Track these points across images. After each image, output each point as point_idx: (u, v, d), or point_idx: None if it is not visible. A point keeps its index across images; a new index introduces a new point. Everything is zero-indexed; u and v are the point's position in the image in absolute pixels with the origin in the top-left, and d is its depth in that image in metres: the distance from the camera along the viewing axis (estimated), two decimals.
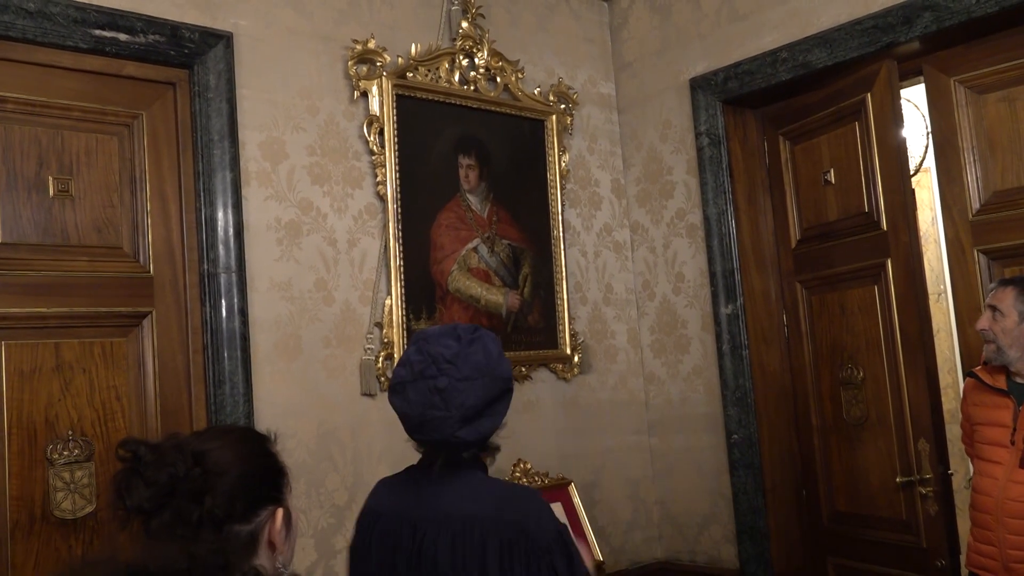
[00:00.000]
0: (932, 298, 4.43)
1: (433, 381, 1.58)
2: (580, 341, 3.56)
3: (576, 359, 3.52)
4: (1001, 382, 2.59)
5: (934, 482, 2.95)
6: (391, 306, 3.00)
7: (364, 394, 2.93)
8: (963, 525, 3.14)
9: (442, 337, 1.62)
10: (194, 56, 2.67)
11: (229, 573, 1.06)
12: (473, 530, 1.57)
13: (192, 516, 1.21)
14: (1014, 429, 2.52)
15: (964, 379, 2.82)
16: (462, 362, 1.58)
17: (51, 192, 2.45)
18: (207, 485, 1.23)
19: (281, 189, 2.83)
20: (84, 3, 2.49)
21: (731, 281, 3.43)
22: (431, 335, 1.64)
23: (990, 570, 2.55)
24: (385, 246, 3.02)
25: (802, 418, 3.45)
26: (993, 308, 2.56)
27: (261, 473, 1.33)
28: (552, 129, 3.54)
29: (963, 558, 3.06)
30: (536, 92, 3.53)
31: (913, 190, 3.20)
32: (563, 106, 3.62)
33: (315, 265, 2.87)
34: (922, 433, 2.98)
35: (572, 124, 3.66)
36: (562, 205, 3.55)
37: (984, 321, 2.58)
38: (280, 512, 1.32)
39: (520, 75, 3.48)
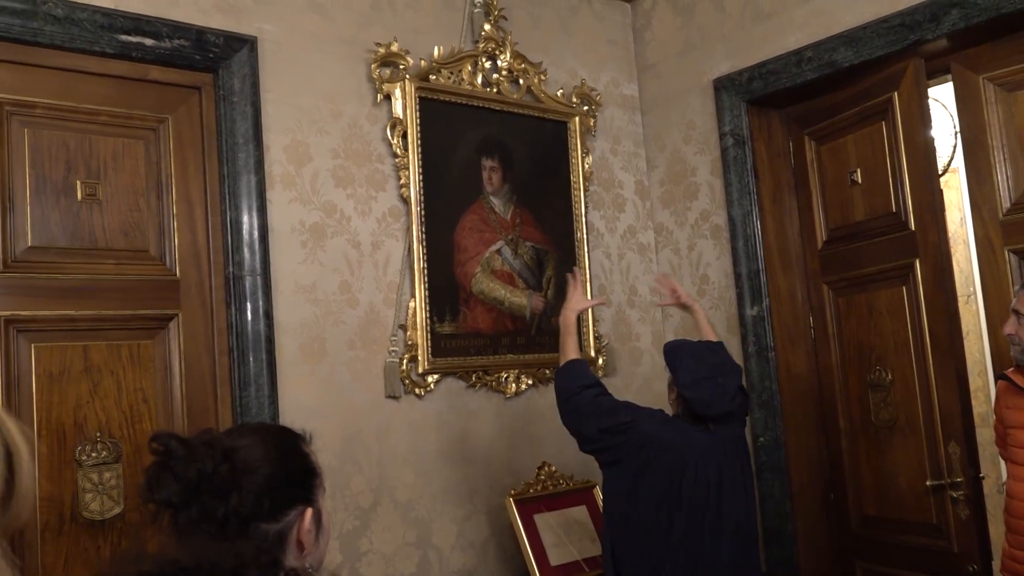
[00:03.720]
0: (961, 299, 4.38)
1: (715, 379, 2.53)
2: (604, 343, 3.54)
3: (600, 361, 3.51)
4: None
5: (965, 486, 2.91)
6: (415, 308, 3.00)
7: (388, 396, 2.93)
8: (994, 530, 3.09)
9: (709, 352, 2.62)
10: (219, 60, 2.69)
11: (274, 572, 1.05)
12: (739, 445, 2.63)
13: (217, 513, 1.21)
14: None
15: (996, 382, 2.77)
16: (728, 367, 2.60)
17: (79, 196, 2.47)
18: (234, 482, 1.23)
19: (305, 192, 2.84)
20: (111, 9, 2.51)
21: (756, 282, 3.41)
22: (701, 349, 2.63)
23: None
24: (409, 248, 3.02)
25: (829, 421, 3.41)
26: (1017, 313, 2.52)
27: (291, 472, 1.32)
28: (575, 131, 3.53)
29: (996, 564, 3.02)
30: (559, 94, 3.53)
31: (941, 190, 3.15)
32: (586, 108, 3.61)
33: (339, 268, 2.88)
34: (952, 436, 2.94)
35: (595, 126, 3.65)
36: (585, 207, 3.54)
37: (1010, 326, 2.54)
38: (309, 512, 1.31)
39: (543, 77, 3.47)
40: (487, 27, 3.31)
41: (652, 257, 3.78)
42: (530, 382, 3.29)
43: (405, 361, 2.97)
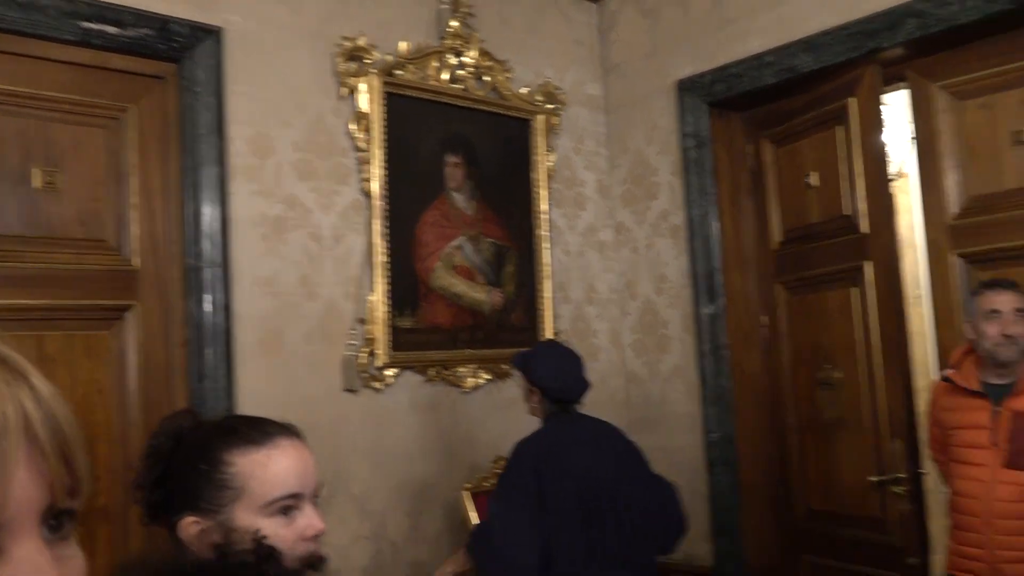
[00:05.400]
0: (909, 301, 4.47)
1: (563, 364, 2.72)
2: (562, 339, 3.58)
3: None
4: (975, 383, 2.62)
5: (907, 481, 2.99)
6: (375, 302, 3.02)
7: (346, 390, 2.95)
8: (933, 524, 3.19)
9: (552, 344, 2.97)
10: (183, 50, 2.68)
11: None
12: (619, 436, 2.76)
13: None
14: (992, 430, 2.55)
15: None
16: (571, 353, 2.78)
17: (38, 184, 2.45)
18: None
19: (267, 184, 2.84)
20: None
21: (713, 282, 3.47)
22: (544, 345, 3.00)
23: (976, 573, 2.56)
24: (370, 243, 3.04)
25: (779, 418, 3.49)
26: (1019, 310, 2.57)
27: (192, 476, 1.33)
28: (539, 129, 3.57)
29: (936, 557, 3.11)
30: (524, 92, 3.55)
31: (892, 194, 3.23)
32: (550, 106, 3.64)
33: (299, 261, 2.89)
34: (897, 433, 3.02)
35: (559, 125, 3.68)
36: (548, 204, 3.58)
37: (1018, 326, 2.57)
38: (189, 520, 1.30)
39: (508, 75, 3.50)
40: (454, 24, 3.33)
41: (611, 255, 3.83)
42: (488, 377, 3.33)
43: (364, 355, 2.98)
